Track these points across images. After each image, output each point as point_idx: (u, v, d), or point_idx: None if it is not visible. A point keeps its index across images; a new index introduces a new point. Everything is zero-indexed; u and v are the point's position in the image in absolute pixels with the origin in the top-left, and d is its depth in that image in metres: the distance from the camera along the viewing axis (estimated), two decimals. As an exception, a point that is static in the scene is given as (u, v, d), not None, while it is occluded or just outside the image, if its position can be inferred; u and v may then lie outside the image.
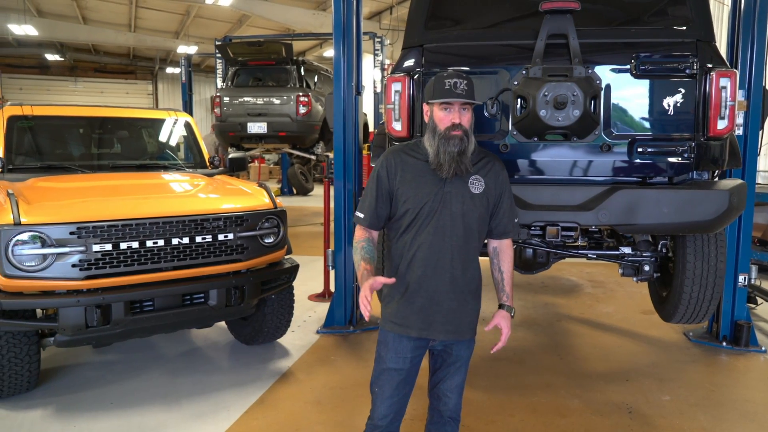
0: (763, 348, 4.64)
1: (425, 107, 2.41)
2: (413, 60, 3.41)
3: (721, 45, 4.83)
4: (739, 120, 4.46)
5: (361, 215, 2.43)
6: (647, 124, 3.29)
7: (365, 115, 11.92)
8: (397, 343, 2.40)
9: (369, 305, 2.15)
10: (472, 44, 3.44)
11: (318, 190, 16.36)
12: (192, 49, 19.13)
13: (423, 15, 3.46)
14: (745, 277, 4.62)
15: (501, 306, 2.45)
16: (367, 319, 2.23)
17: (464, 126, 2.30)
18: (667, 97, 3.22)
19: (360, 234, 2.44)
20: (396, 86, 3.33)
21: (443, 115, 2.31)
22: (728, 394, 3.88)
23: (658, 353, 4.63)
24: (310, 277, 6.58)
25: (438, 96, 2.29)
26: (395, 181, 2.36)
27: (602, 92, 3.16)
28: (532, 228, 3.29)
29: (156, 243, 3.62)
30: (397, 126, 3.32)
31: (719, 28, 10.59)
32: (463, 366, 2.47)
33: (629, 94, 3.26)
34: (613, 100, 3.25)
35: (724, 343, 4.69)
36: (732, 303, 4.67)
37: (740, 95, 4.47)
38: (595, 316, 5.59)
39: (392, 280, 2.29)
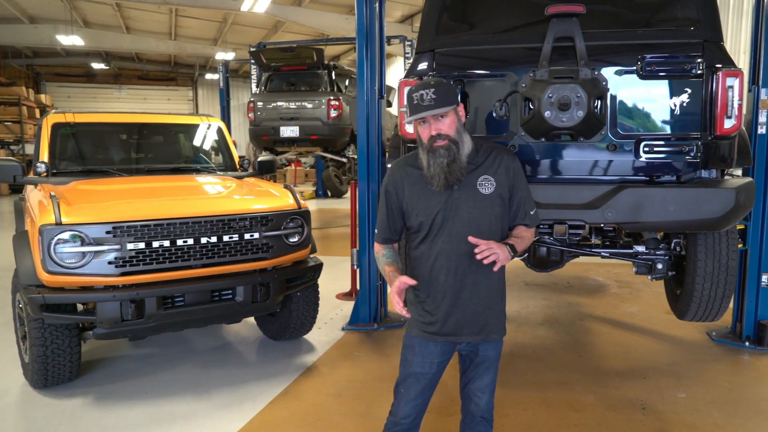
0: (788, 348, 4.57)
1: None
2: (425, 64, 3.54)
3: (746, 39, 4.78)
4: (762, 119, 4.44)
5: (377, 231, 2.52)
6: (654, 124, 3.33)
7: (396, 117, 12.06)
8: (423, 348, 2.41)
9: (401, 305, 2.23)
10: (482, 48, 3.55)
11: (352, 192, 16.56)
12: (229, 56, 19.62)
13: (434, 21, 3.59)
14: (768, 277, 4.58)
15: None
16: (406, 314, 2.30)
17: (446, 134, 2.26)
18: (674, 97, 3.27)
19: (378, 246, 2.52)
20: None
21: (422, 129, 2.30)
22: (746, 393, 3.87)
23: (679, 352, 4.62)
24: (339, 276, 6.76)
25: (411, 113, 2.27)
26: (403, 195, 2.38)
27: (608, 93, 3.22)
28: (541, 226, 3.37)
29: (186, 242, 3.82)
30: (410, 128, 3.45)
31: (743, 21, 10.24)
32: (492, 366, 2.45)
33: (636, 94, 3.32)
34: (620, 100, 3.31)
35: (747, 343, 4.65)
36: (755, 303, 4.62)
37: (764, 93, 4.44)
38: (618, 315, 5.59)
39: (414, 281, 2.29)
